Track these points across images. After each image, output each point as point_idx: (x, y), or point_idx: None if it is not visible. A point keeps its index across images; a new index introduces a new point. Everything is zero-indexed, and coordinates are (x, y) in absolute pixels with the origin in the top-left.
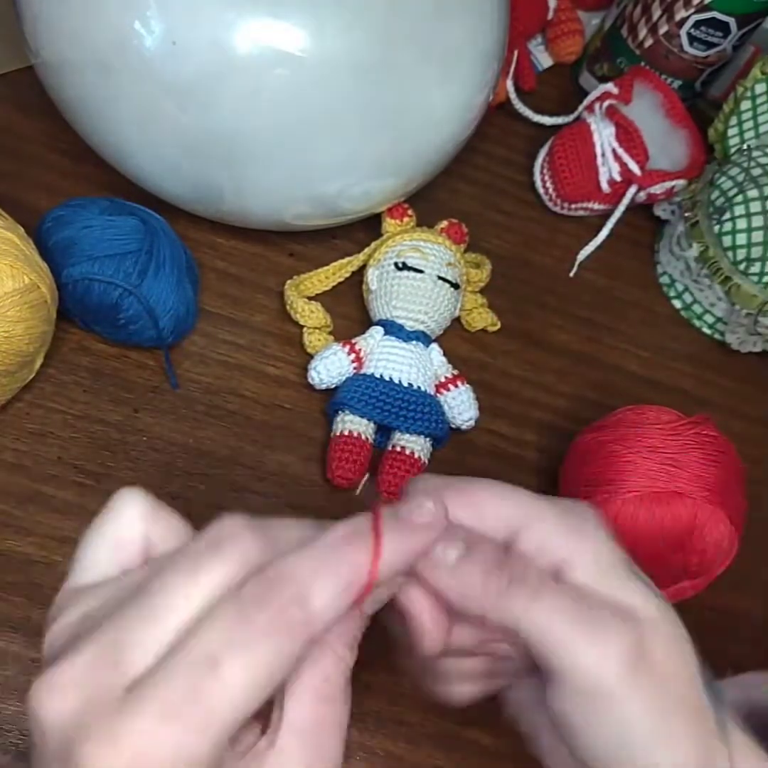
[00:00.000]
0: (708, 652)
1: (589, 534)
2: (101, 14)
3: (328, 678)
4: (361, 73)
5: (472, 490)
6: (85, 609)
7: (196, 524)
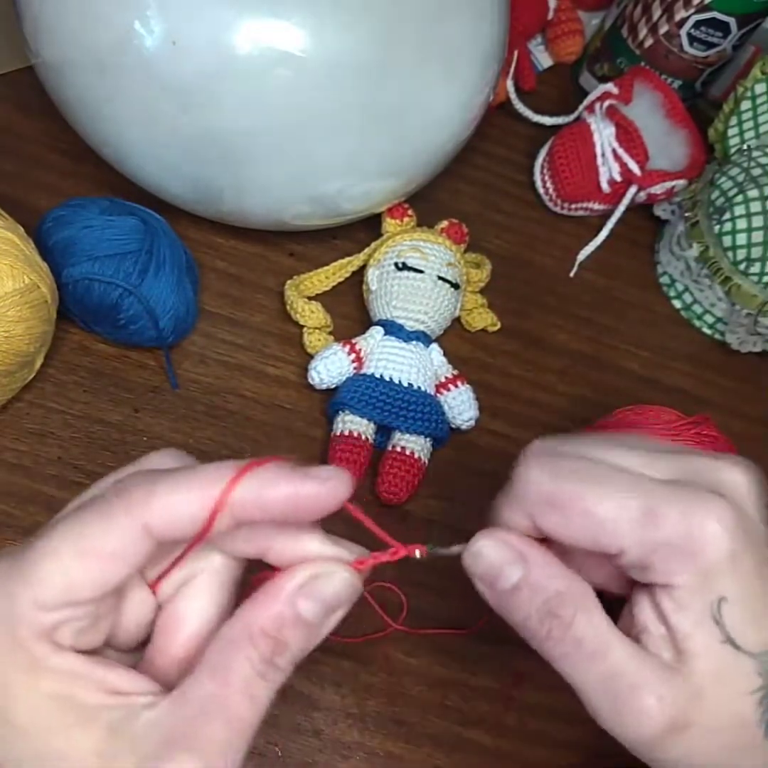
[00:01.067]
0: None
1: (693, 566)
2: (101, 14)
3: (228, 660)
4: (361, 74)
5: (572, 509)
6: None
7: None
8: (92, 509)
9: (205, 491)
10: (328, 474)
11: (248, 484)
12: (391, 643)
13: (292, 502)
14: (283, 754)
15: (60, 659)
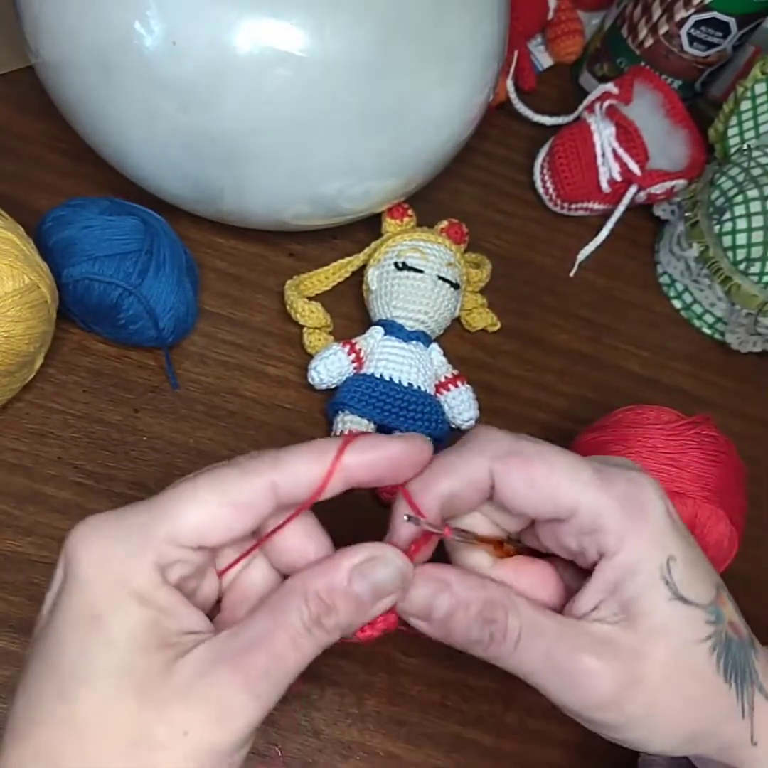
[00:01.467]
0: None
1: (641, 532)
2: (101, 14)
3: (283, 607)
4: (361, 74)
5: (529, 466)
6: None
7: None
8: (230, 467)
9: (321, 456)
10: (410, 437)
11: (355, 450)
12: (391, 643)
13: (392, 460)
14: (283, 754)
15: (164, 592)
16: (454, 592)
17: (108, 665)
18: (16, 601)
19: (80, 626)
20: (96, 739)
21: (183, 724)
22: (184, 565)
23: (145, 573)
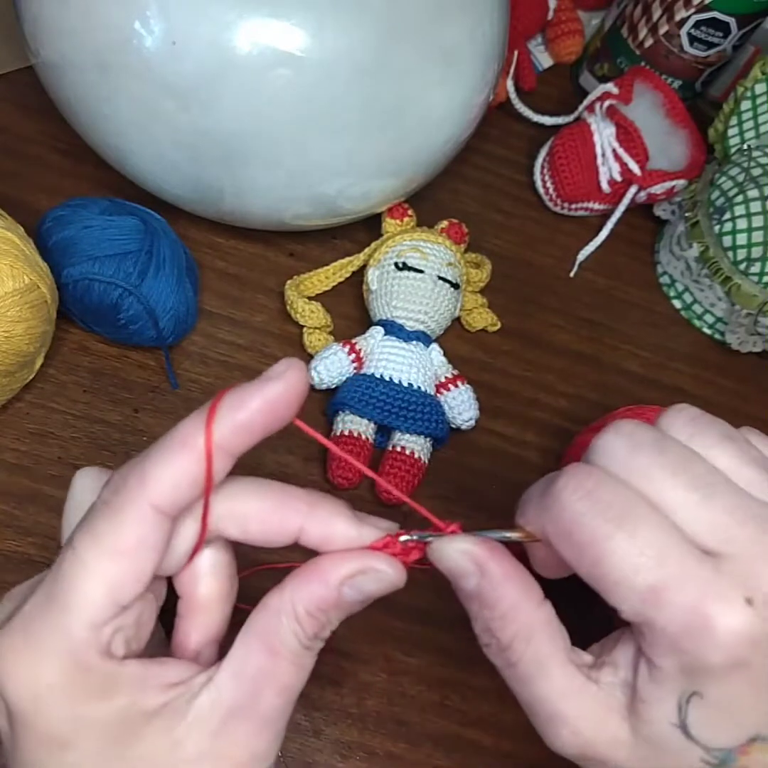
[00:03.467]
0: None
1: (683, 659)
2: (101, 14)
3: (277, 632)
4: (361, 73)
5: (591, 549)
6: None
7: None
8: (100, 514)
9: (190, 448)
10: (281, 369)
11: (223, 419)
12: (391, 643)
13: (266, 410)
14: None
15: (124, 670)
16: (480, 584)
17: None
18: None
19: (50, 753)
20: None
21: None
22: (122, 630)
23: (89, 670)
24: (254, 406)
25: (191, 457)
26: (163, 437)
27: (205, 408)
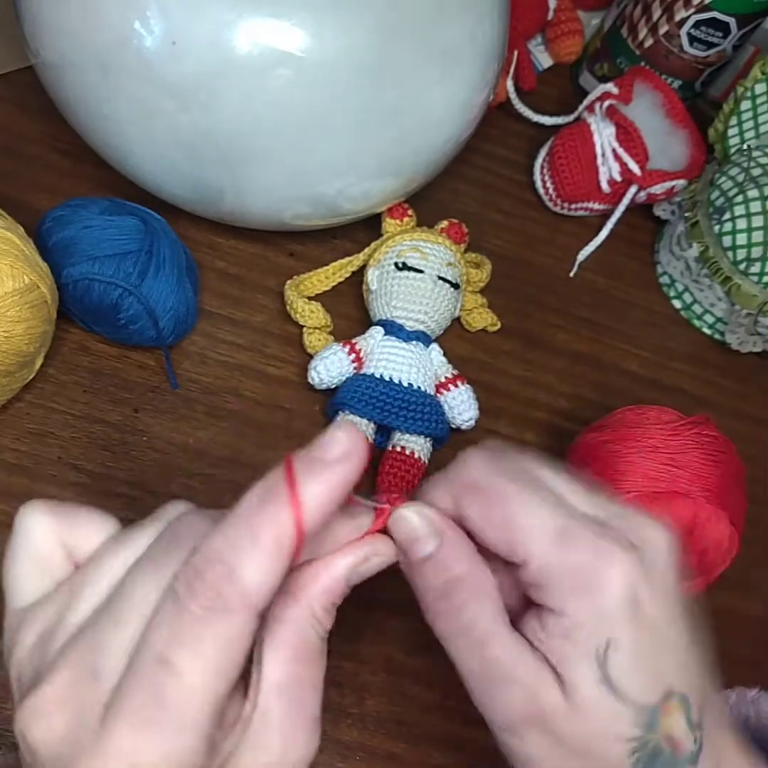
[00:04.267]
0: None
1: (588, 607)
2: (101, 14)
3: (304, 638)
4: (361, 73)
5: (502, 504)
6: (39, 628)
7: None
8: (200, 633)
9: (286, 554)
10: (344, 445)
11: (310, 493)
12: (391, 643)
13: (339, 492)
14: None
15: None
16: (440, 545)
17: None
18: None
19: None
20: None
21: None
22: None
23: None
24: (334, 475)
25: (286, 562)
26: (237, 531)
27: (276, 488)
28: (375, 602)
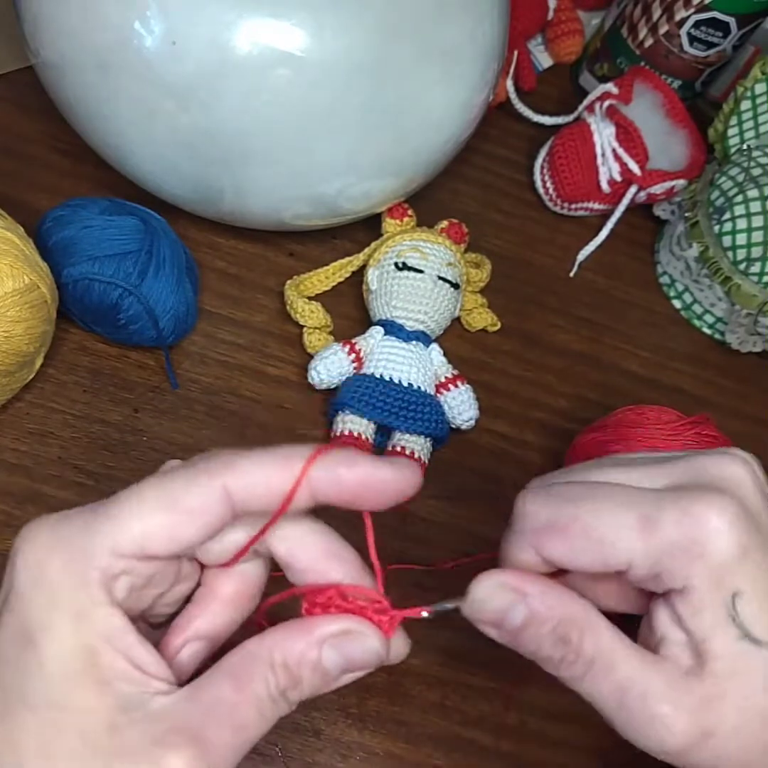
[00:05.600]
0: None
1: (702, 571)
2: (101, 14)
3: (248, 674)
4: (361, 73)
5: (571, 536)
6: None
7: None
8: (178, 471)
9: (284, 465)
10: (401, 463)
11: (326, 463)
12: None
13: (366, 483)
14: (283, 754)
15: (107, 611)
16: (530, 605)
17: (44, 694)
18: None
19: (16, 645)
20: (42, 763)
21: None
22: (131, 577)
23: (83, 586)
24: (359, 473)
25: (282, 473)
26: (268, 448)
27: (317, 445)
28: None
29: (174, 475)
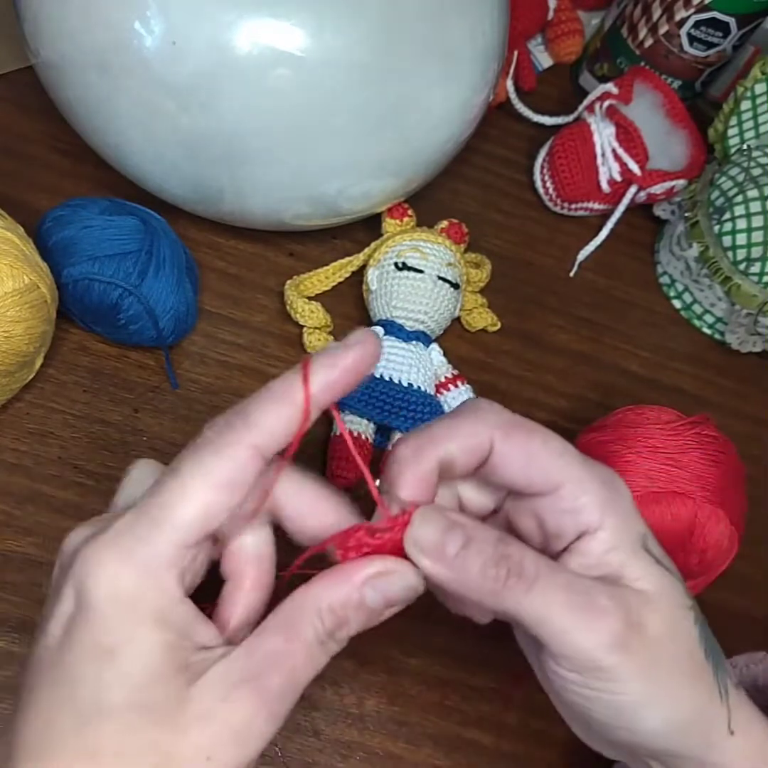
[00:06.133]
0: None
1: (620, 509)
2: (101, 14)
3: (297, 623)
4: (361, 73)
5: (530, 438)
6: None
7: None
8: (205, 448)
9: (290, 401)
10: (359, 336)
11: (317, 377)
12: (391, 643)
13: (352, 370)
14: (283, 754)
15: (184, 607)
16: (466, 529)
17: (125, 698)
18: (16, 602)
19: (95, 659)
20: (115, 766)
21: (205, 748)
22: (194, 564)
23: (162, 590)
24: (345, 366)
25: (290, 409)
26: (259, 392)
27: (298, 368)
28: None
29: (205, 453)
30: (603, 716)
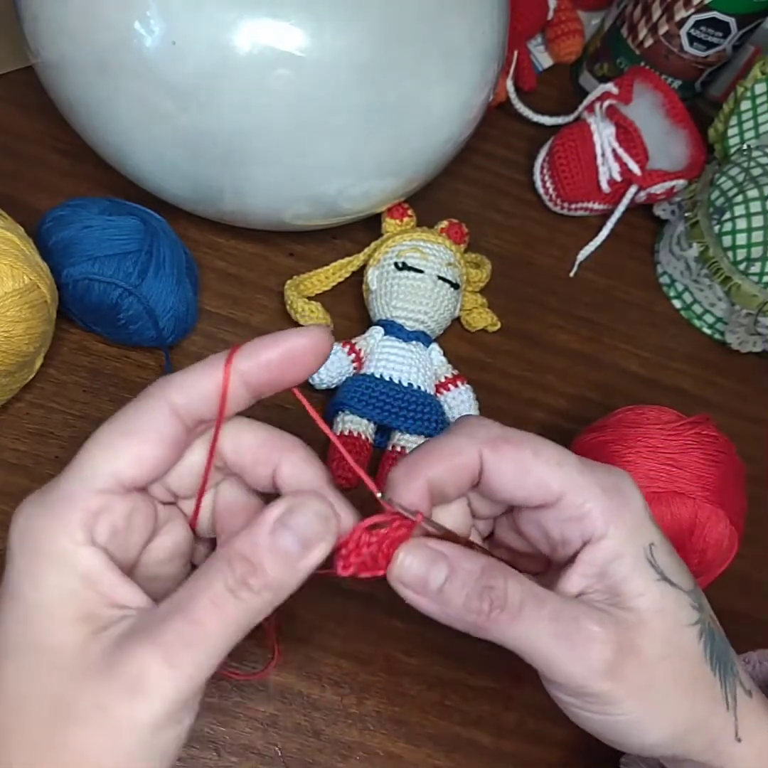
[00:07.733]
0: None
1: (625, 518)
2: (101, 14)
3: (206, 581)
4: (361, 73)
5: (519, 450)
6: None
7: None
8: (126, 406)
9: (212, 368)
10: (307, 327)
11: (247, 354)
12: (391, 643)
13: (287, 355)
14: (283, 754)
15: (89, 551)
16: (450, 561)
17: (23, 640)
18: None
19: (2, 601)
20: (16, 709)
21: (100, 698)
22: (111, 515)
23: (64, 532)
24: (279, 350)
25: (212, 376)
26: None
27: (228, 351)
28: (375, 602)
29: (124, 410)
30: (606, 733)
